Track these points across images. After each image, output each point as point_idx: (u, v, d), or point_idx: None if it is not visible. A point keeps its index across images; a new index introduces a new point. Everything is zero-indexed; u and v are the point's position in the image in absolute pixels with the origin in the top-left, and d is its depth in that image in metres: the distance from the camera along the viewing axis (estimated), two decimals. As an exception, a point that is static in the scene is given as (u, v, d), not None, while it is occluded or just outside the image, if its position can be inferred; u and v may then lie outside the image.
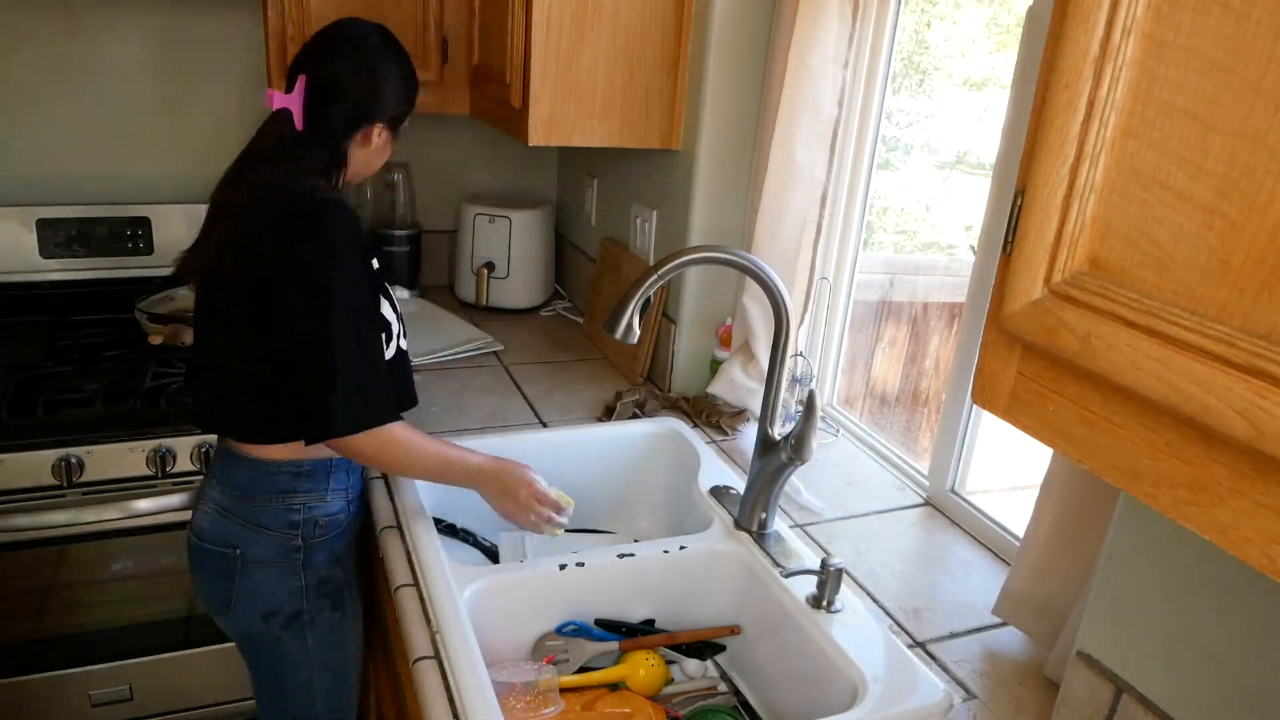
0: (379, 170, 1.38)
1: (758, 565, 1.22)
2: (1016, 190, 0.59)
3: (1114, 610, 0.89)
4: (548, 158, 2.50)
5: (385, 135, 1.28)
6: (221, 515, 1.26)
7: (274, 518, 1.25)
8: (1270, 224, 0.45)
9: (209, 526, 1.27)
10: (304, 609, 1.29)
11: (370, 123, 1.25)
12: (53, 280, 2.03)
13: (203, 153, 2.15)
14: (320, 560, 1.29)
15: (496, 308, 2.28)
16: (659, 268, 1.16)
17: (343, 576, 1.33)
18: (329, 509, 1.29)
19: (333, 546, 1.30)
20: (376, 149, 1.29)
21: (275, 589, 1.27)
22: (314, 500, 1.27)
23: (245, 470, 1.25)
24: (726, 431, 1.68)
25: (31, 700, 1.66)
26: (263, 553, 1.26)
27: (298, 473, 1.25)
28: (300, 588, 1.28)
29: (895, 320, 2.17)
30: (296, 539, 1.26)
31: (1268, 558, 0.47)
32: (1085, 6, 0.53)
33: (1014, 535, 1.34)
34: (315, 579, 1.29)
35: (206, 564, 1.29)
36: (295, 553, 1.26)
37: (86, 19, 1.98)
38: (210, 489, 1.29)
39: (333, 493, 1.29)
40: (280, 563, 1.26)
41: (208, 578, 1.30)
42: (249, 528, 1.25)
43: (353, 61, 1.23)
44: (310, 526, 1.27)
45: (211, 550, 1.27)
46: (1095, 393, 0.56)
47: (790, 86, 1.53)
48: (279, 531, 1.25)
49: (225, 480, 1.26)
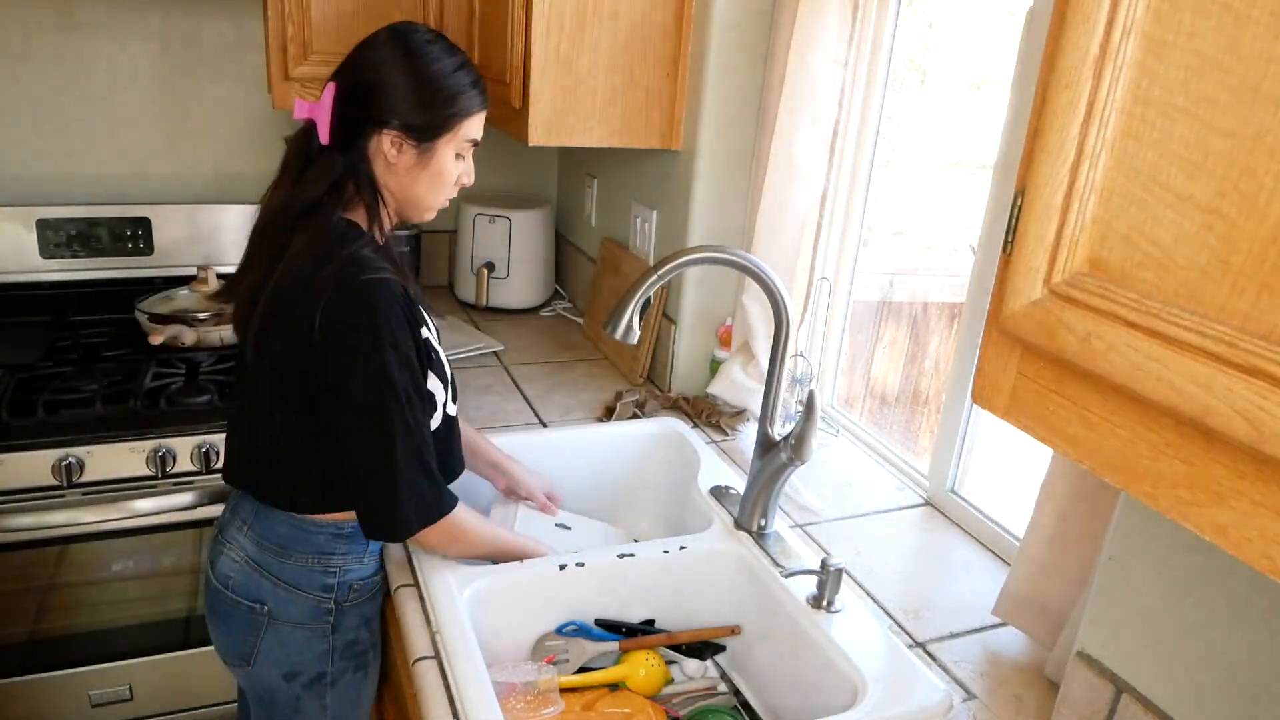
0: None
1: (758, 565, 1.22)
2: (1016, 190, 0.59)
3: (1114, 610, 0.89)
4: (548, 158, 2.50)
5: (407, 149, 1.11)
6: (252, 568, 1.16)
7: (309, 580, 1.16)
8: (1270, 224, 0.45)
9: (237, 577, 1.17)
10: (328, 671, 1.21)
11: (377, 124, 1.09)
12: (53, 280, 2.03)
13: (203, 153, 2.15)
14: (350, 623, 1.21)
15: (496, 308, 2.28)
16: (659, 268, 1.16)
17: (369, 638, 1.25)
18: (364, 572, 1.20)
19: (364, 609, 1.22)
20: (406, 169, 1.12)
21: (302, 650, 1.19)
22: (351, 563, 1.18)
23: (283, 527, 1.15)
24: (726, 431, 1.68)
25: (31, 700, 1.66)
26: (293, 614, 1.17)
27: (339, 534, 1.16)
28: (327, 650, 1.20)
29: (895, 320, 2.17)
30: (329, 602, 1.18)
31: (1268, 558, 0.47)
32: (1085, 6, 0.53)
33: (1014, 535, 1.34)
34: (343, 642, 1.20)
35: (229, 615, 1.19)
36: (327, 615, 1.18)
37: (87, 19, 1.98)
38: (239, 535, 1.18)
39: (370, 555, 1.21)
40: (310, 625, 1.18)
41: (229, 629, 1.20)
42: (281, 586, 1.16)
43: (375, 56, 1.11)
44: (345, 590, 1.18)
45: (238, 603, 1.17)
46: (1095, 393, 0.56)
47: (790, 86, 1.53)
48: (313, 593, 1.17)
49: (260, 532, 1.16)
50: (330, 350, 1.03)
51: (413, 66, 1.09)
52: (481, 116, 1.16)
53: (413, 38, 1.11)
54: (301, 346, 1.05)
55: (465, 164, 1.18)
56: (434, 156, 1.13)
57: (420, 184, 1.14)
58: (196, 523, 1.65)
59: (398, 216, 1.18)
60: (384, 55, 1.10)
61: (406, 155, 1.11)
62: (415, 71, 1.09)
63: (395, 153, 1.11)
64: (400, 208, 1.17)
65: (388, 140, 1.10)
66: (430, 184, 1.15)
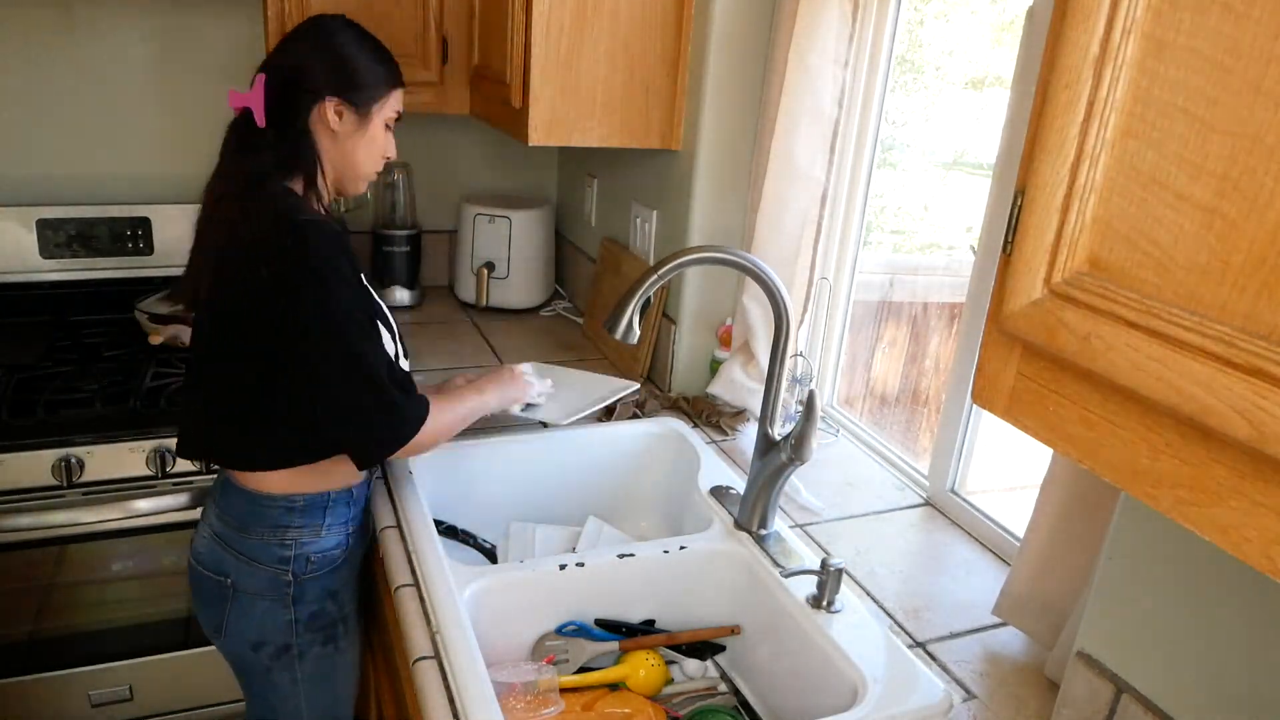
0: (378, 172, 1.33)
1: (758, 565, 1.22)
2: (1016, 190, 0.59)
3: (1114, 610, 0.89)
4: (548, 158, 2.50)
5: (348, 115, 1.21)
6: (216, 542, 1.25)
7: (265, 552, 1.23)
8: (1270, 224, 0.45)
9: (205, 552, 1.26)
10: (293, 642, 1.27)
11: (317, 96, 1.18)
12: (53, 280, 2.03)
13: (203, 153, 2.11)
14: (312, 595, 1.26)
15: (496, 308, 2.28)
16: (659, 268, 1.16)
17: (337, 611, 1.30)
18: (323, 545, 1.26)
19: (326, 582, 1.27)
20: (348, 135, 1.22)
21: (265, 621, 1.25)
22: (307, 536, 1.24)
23: (240, 501, 1.23)
24: (726, 431, 1.68)
25: (31, 700, 1.66)
26: (253, 584, 1.24)
27: (290, 508, 1.22)
28: (290, 621, 1.25)
29: (895, 320, 2.17)
30: (287, 574, 1.24)
31: (1268, 558, 0.47)
32: (1085, 6, 0.53)
33: (1014, 535, 1.34)
34: (306, 613, 1.26)
35: (201, 588, 1.28)
36: (285, 587, 1.24)
37: (86, 18, 1.98)
38: (209, 513, 1.28)
39: (329, 528, 1.26)
40: (270, 595, 1.24)
41: (202, 601, 1.29)
42: (241, 559, 1.23)
43: (301, 43, 1.21)
44: (301, 562, 1.24)
45: (206, 576, 1.26)
46: (1095, 393, 0.56)
47: (790, 86, 1.53)
48: (270, 565, 1.23)
49: (223, 508, 1.25)
50: (283, 294, 1.09)
51: (340, 44, 1.21)
52: (401, 93, 1.28)
53: (330, 22, 1.23)
54: (252, 298, 1.11)
55: (390, 136, 1.29)
56: (370, 122, 1.23)
57: (360, 150, 1.24)
58: (196, 523, 1.65)
59: (334, 188, 1.27)
60: (310, 38, 1.21)
61: (348, 121, 1.21)
62: (343, 48, 1.21)
63: (337, 119, 1.20)
64: (338, 178, 1.25)
65: (331, 108, 1.19)
66: (368, 150, 1.25)
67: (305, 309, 1.08)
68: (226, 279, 1.14)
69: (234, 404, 1.19)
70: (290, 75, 1.18)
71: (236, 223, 1.13)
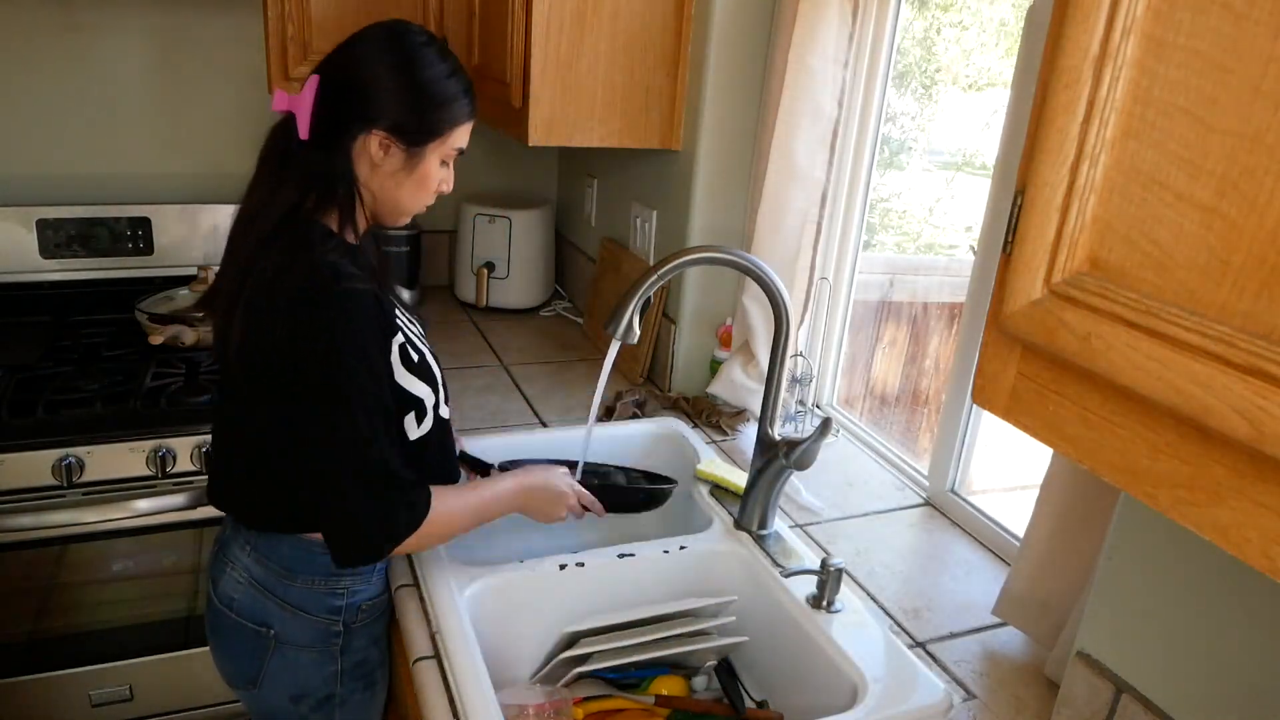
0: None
1: (758, 565, 1.22)
2: (1016, 190, 0.59)
3: (1114, 610, 0.89)
4: (548, 158, 2.50)
5: (395, 152, 1.06)
6: (256, 590, 1.12)
7: (316, 602, 1.12)
8: (1270, 224, 0.45)
9: (241, 599, 1.13)
10: (337, 692, 1.17)
11: (364, 126, 1.04)
12: (53, 280, 2.03)
13: (203, 153, 2.15)
14: (360, 644, 1.17)
15: (496, 308, 2.28)
16: (659, 268, 1.16)
17: (379, 656, 1.21)
18: (372, 591, 1.16)
19: (373, 629, 1.18)
20: (390, 173, 1.08)
21: (309, 673, 1.15)
22: (359, 584, 1.14)
23: (287, 548, 1.11)
24: (726, 431, 1.68)
25: (31, 700, 1.66)
26: (301, 636, 1.13)
27: None
28: (336, 672, 1.15)
29: (895, 320, 2.17)
30: (338, 625, 1.13)
31: (1267, 558, 0.47)
32: (1085, 6, 0.53)
33: (1014, 535, 1.34)
34: (352, 663, 1.16)
35: (233, 637, 1.15)
36: (335, 638, 1.14)
37: (87, 19, 1.98)
38: (241, 554, 1.13)
39: (377, 574, 1.17)
40: (318, 648, 1.14)
41: (234, 652, 1.16)
42: (287, 609, 1.11)
43: (370, 49, 1.05)
44: (353, 612, 1.14)
45: (242, 625, 1.13)
46: (1095, 393, 0.56)
47: (790, 86, 1.53)
48: (320, 617, 1.12)
49: (264, 553, 1.11)
50: (296, 359, 0.99)
51: (407, 67, 1.05)
52: (469, 126, 1.12)
53: (408, 38, 1.06)
54: (274, 354, 1.00)
55: (447, 171, 1.14)
56: (421, 161, 1.08)
57: (403, 189, 1.10)
58: (196, 523, 1.65)
59: (372, 219, 1.14)
60: (376, 53, 1.05)
61: (393, 158, 1.07)
62: (410, 73, 1.05)
63: (382, 155, 1.06)
64: (377, 210, 1.12)
65: (376, 141, 1.05)
66: (413, 189, 1.11)
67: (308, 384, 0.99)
68: (251, 325, 1.01)
69: (253, 460, 1.10)
70: (346, 86, 1.04)
71: (268, 270, 1.01)
